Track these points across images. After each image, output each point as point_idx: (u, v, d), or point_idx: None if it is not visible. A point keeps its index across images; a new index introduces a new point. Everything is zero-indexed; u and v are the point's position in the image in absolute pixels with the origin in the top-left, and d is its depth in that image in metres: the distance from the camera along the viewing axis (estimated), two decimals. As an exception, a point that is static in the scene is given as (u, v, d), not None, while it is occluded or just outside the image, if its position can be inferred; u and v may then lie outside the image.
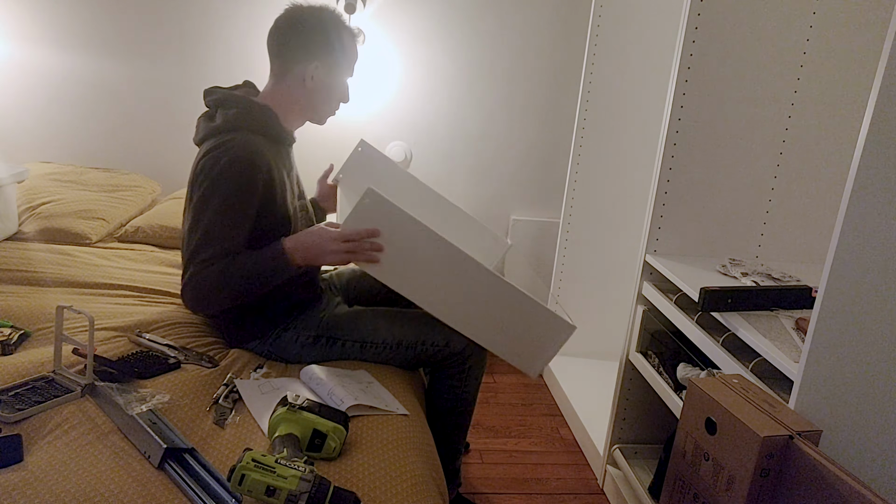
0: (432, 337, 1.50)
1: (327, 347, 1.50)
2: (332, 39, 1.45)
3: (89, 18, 2.63)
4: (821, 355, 1.12)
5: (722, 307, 1.42)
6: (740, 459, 1.08)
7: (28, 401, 1.15)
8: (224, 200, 1.34)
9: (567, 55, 2.83)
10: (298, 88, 1.47)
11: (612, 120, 2.40)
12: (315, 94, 1.48)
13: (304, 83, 1.46)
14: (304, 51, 1.44)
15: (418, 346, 1.51)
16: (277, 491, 0.93)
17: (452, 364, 1.52)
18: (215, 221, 1.34)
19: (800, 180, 1.73)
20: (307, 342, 1.50)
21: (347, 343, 1.50)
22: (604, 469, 1.96)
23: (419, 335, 1.51)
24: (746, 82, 1.65)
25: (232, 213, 1.35)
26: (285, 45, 1.45)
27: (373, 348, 1.50)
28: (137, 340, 1.45)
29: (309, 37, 1.43)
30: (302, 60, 1.44)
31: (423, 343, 1.50)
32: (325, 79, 1.47)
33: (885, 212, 1.05)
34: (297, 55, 1.44)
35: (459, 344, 1.50)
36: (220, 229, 1.34)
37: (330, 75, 1.47)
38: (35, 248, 2.01)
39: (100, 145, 2.78)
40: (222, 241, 1.33)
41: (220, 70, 2.74)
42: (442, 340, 1.50)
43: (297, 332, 1.50)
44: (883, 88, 1.00)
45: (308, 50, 1.44)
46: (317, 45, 1.44)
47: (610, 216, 2.52)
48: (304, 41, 1.43)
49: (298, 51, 1.44)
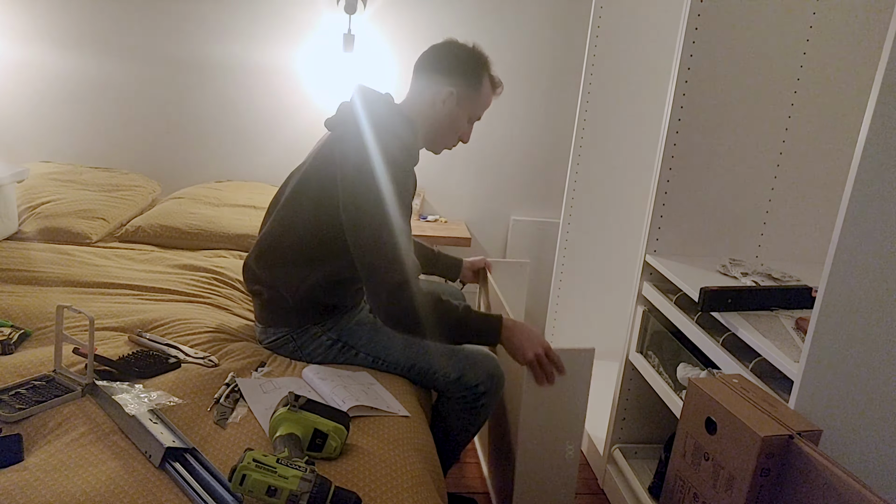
0: (445, 368, 1.48)
1: (342, 353, 1.51)
2: (475, 75, 1.51)
3: (89, 18, 2.63)
4: (821, 355, 1.12)
5: (722, 307, 1.42)
6: (740, 459, 1.08)
7: (28, 400, 1.15)
8: (398, 209, 1.38)
9: (567, 55, 2.84)
10: (427, 111, 1.52)
11: (612, 120, 2.40)
12: (439, 123, 1.53)
13: (433, 106, 1.51)
14: (448, 74, 1.50)
15: (429, 374, 1.49)
16: (278, 491, 0.93)
17: (463, 396, 1.50)
18: (395, 230, 1.37)
19: (800, 180, 1.74)
20: (327, 343, 1.51)
21: (361, 354, 1.51)
22: (604, 469, 1.96)
23: (433, 364, 1.49)
24: (746, 82, 1.65)
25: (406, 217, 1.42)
26: (434, 64, 1.51)
27: (384, 366, 1.50)
28: (137, 340, 1.45)
29: (453, 65, 1.50)
30: (443, 82, 1.50)
31: (436, 372, 1.49)
32: (454, 109, 1.51)
33: (885, 212, 1.06)
34: (440, 77, 1.50)
35: (474, 380, 1.47)
36: (403, 240, 1.38)
37: (460, 106, 1.52)
38: (35, 248, 2.01)
39: (100, 145, 2.78)
40: (407, 255, 1.38)
41: (220, 71, 2.74)
42: (455, 373, 1.47)
43: (323, 331, 1.51)
44: (883, 88, 1.00)
45: (451, 75, 1.50)
46: (460, 73, 1.50)
47: (610, 216, 2.52)
48: (447, 67, 1.50)
49: (443, 73, 1.50)
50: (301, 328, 1.51)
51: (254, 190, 2.67)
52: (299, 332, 1.51)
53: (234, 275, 1.96)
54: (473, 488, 1.92)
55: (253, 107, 2.79)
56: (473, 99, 1.52)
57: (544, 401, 1.46)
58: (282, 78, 2.76)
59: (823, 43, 1.64)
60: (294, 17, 2.71)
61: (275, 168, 2.85)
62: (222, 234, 2.24)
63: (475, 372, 1.47)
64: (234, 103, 2.79)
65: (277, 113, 2.80)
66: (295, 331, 1.51)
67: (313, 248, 1.46)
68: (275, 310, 1.52)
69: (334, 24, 2.70)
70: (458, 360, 1.47)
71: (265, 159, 2.86)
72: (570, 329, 2.63)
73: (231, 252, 2.21)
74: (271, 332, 1.53)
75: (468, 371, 1.47)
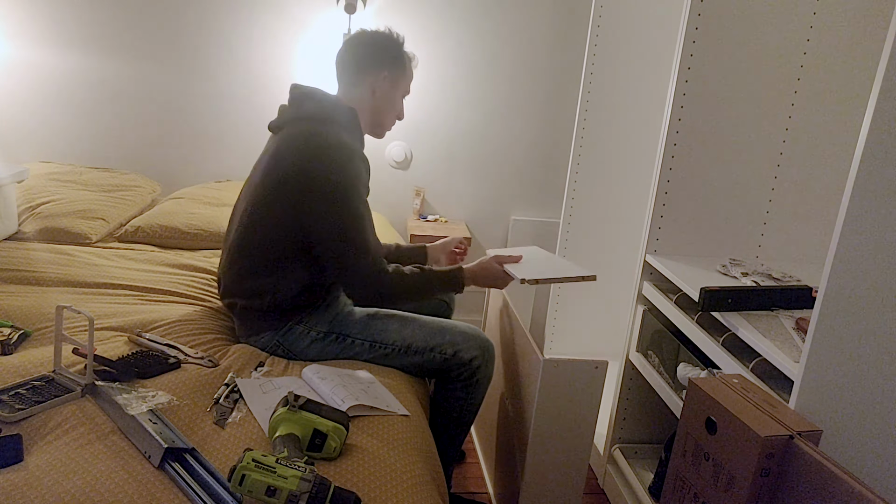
0: (441, 345, 1.52)
1: (336, 344, 1.51)
2: (398, 54, 1.58)
3: (90, 18, 2.63)
4: (821, 355, 1.12)
5: (722, 307, 1.42)
6: (740, 459, 1.08)
7: (28, 401, 1.15)
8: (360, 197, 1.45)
9: (567, 55, 2.84)
10: (366, 100, 1.57)
11: (612, 120, 2.40)
12: (380, 105, 1.58)
13: (372, 94, 1.57)
14: (375, 62, 1.56)
15: (426, 353, 1.51)
16: (278, 491, 0.93)
17: (460, 374, 1.53)
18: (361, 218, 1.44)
19: (800, 180, 1.73)
20: (318, 337, 1.51)
21: (357, 341, 1.51)
22: (604, 469, 1.96)
23: (428, 341, 1.52)
24: (746, 82, 1.65)
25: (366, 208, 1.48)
26: (358, 57, 1.56)
27: (381, 349, 1.51)
28: (137, 340, 1.45)
29: (379, 51, 1.56)
30: (372, 72, 1.55)
31: (432, 350, 1.51)
32: (389, 91, 1.58)
33: (885, 212, 1.05)
34: (368, 66, 1.55)
35: (468, 354, 1.51)
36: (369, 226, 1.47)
37: (394, 88, 1.59)
38: (35, 248, 2.01)
39: (100, 145, 2.78)
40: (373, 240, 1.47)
41: (220, 70, 2.74)
42: (451, 349, 1.51)
43: (310, 327, 1.51)
44: (883, 88, 1.00)
45: (379, 61, 1.56)
46: (386, 57, 1.56)
47: (610, 216, 2.52)
48: (375, 54, 1.56)
49: (370, 62, 1.55)
50: (282, 330, 1.51)
51: (254, 190, 2.67)
52: (282, 335, 1.51)
53: (233, 275, 1.96)
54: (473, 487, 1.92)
55: (252, 106, 2.79)
56: (402, 76, 1.59)
57: (556, 410, 1.48)
58: (281, 78, 2.76)
59: (823, 43, 1.64)
60: (294, 16, 2.71)
61: (275, 168, 2.85)
62: (222, 234, 2.23)
63: (468, 346, 1.52)
64: (233, 103, 2.79)
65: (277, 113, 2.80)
66: (277, 333, 1.51)
67: (278, 256, 1.48)
68: (252, 318, 1.53)
69: (334, 24, 2.70)
70: (451, 337, 1.53)
71: (265, 159, 2.86)
72: (571, 329, 2.63)
73: (231, 252, 2.21)
74: (254, 340, 1.53)
75: (462, 346, 1.52)
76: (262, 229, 1.48)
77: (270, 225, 1.47)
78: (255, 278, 1.50)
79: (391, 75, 1.56)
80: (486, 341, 1.55)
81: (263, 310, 1.50)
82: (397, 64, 1.57)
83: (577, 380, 1.48)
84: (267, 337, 1.52)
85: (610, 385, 1.98)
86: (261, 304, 1.50)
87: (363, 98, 1.56)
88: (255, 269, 1.50)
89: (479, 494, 1.90)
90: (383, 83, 1.56)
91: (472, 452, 2.11)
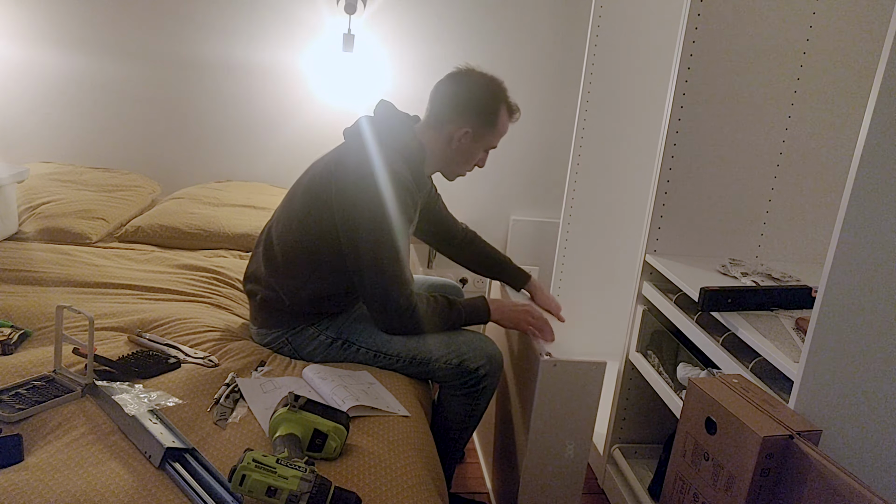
0: (446, 356, 1.49)
1: (341, 350, 1.51)
2: (491, 111, 1.50)
3: (89, 19, 2.63)
4: (821, 355, 1.12)
5: (722, 307, 1.42)
6: (740, 459, 1.08)
7: (28, 400, 1.15)
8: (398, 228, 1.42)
9: (567, 55, 2.83)
10: (441, 145, 1.52)
11: (612, 120, 2.40)
12: (455, 156, 1.54)
13: (448, 143, 1.52)
14: (461, 114, 1.49)
15: (431, 363, 1.50)
16: (278, 491, 0.93)
17: (465, 382, 1.51)
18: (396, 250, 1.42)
19: (800, 180, 1.73)
20: (325, 342, 1.51)
21: (362, 349, 1.51)
22: (603, 469, 1.96)
23: (433, 353, 1.50)
24: (746, 82, 1.65)
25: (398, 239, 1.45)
26: (447, 101, 1.51)
27: (385, 359, 1.50)
28: (137, 340, 1.45)
29: (470, 103, 1.49)
30: (456, 122, 1.50)
31: (437, 361, 1.49)
32: (469, 146, 1.53)
33: (885, 212, 1.05)
34: (454, 115, 1.50)
35: (474, 363, 1.48)
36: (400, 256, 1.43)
37: (475, 143, 1.53)
38: (35, 248, 2.01)
39: (100, 145, 2.78)
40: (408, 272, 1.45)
41: (220, 70, 2.74)
42: (456, 359, 1.49)
43: (320, 331, 1.52)
44: (883, 88, 1.00)
45: (464, 115, 1.49)
46: (474, 113, 1.49)
47: (610, 216, 2.52)
48: (464, 104, 1.49)
49: (456, 112, 1.49)
50: (295, 329, 1.51)
51: (254, 190, 2.67)
52: (294, 334, 1.51)
53: (234, 275, 1.96)
54: (472, 487, 1.92)
55: (252, 106, 2.79)
56: (489, 133, 1.53)
57: (556, 410, 1.48)
58: (281, 77, 2.76)
59: (823, 43, 1.64)
60: (294, 16, 2.71)
61: (274, 168, 2.85)
62: (222, 234, 2.24)
63: (475, 355, 1.48)
64: (233, 103, 2.79)
65: (277, 112, 2.80)
66: (289, 332, 1.52)
67: (319, 261, 1.48)
68: (270, 311, 1.53)
69: (334, 24, 2.70)
70: (457, 347, 1.49)
71: (265, 159, 2.86)
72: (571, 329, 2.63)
73: (231, 252, 2.21)
74: (265, 333, 1.54)
75: (468, 355, 1.49)
76: (301, 229, 1.48)
77: (313, 229, 1.47)
78: (287, 275, 1.50)
79: (475, 132, 1.50)
80: (493, 350, 1.52)
81: (284, 307, 1.50)
82: (486, 122, 1.51)
83: (577, 380, 1.47)
84: (277, 333, 1.52)
85: (609, 385, 1.98)
86: (283, 300, 1.50)
87: (438, 142, 1.52)
88: (290, 266, 1.49)
89: (479, 494, 1.90)
90: (464, 138, 1.50)
91: (472, 452, 2.11)
